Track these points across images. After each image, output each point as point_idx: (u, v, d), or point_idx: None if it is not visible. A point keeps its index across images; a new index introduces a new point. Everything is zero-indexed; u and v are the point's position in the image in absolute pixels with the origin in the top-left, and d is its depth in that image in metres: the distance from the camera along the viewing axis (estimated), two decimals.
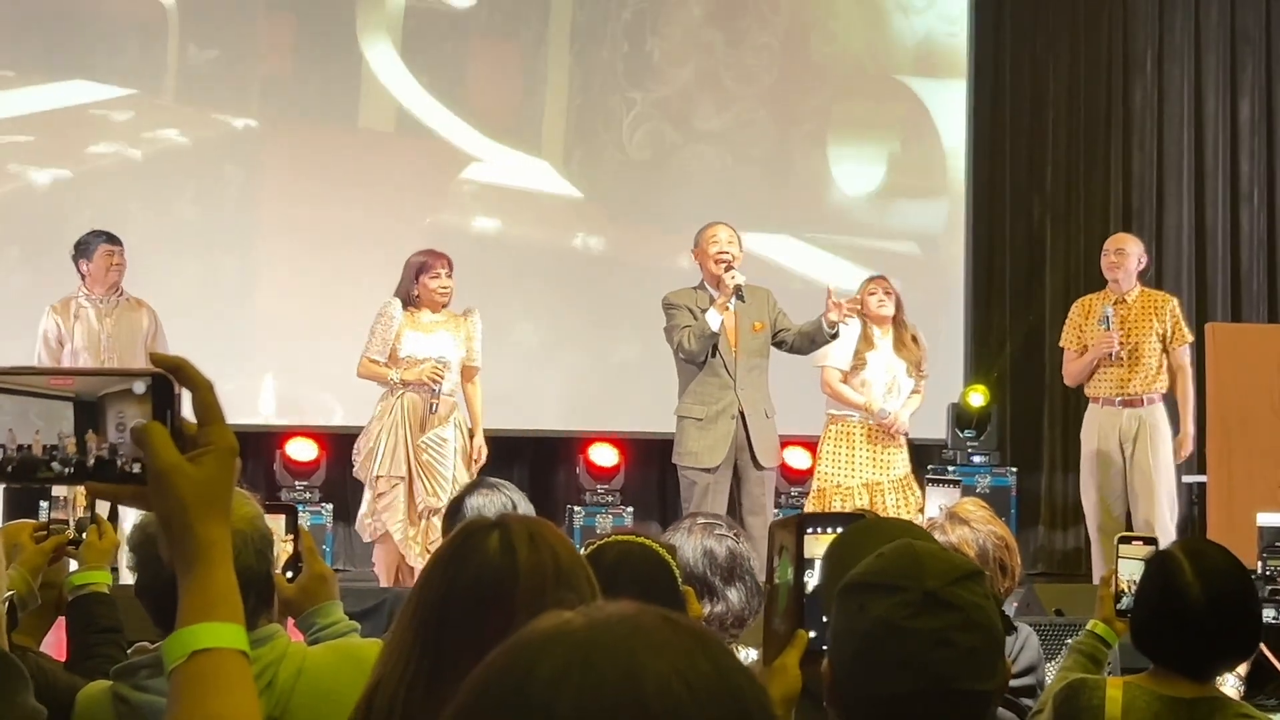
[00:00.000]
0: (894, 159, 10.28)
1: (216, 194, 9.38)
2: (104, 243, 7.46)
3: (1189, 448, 7.71)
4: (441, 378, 6.97)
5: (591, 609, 1.00)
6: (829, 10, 10.38)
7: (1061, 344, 7.96)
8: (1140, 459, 7.63)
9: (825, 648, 1.84)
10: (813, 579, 2.00)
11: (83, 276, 7.48)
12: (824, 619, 1.89)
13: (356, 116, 9.72)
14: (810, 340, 6.97)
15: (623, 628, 0.98)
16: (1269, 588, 5.48)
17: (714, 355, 6.92)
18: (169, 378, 1.36)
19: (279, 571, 2.84)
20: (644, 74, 10.16)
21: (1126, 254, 7.77)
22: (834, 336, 6.89)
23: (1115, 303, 7.70)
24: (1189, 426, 7.70)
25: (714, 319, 6.85)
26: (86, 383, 1.37)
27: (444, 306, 7.10)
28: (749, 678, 0.99)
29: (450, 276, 7.07)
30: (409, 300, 7.06)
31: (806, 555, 2.00)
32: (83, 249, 7.48)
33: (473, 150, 9.78)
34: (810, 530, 2.02)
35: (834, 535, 2.01)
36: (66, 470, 1.36)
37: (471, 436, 7.19)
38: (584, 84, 10.09)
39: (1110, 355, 7.63)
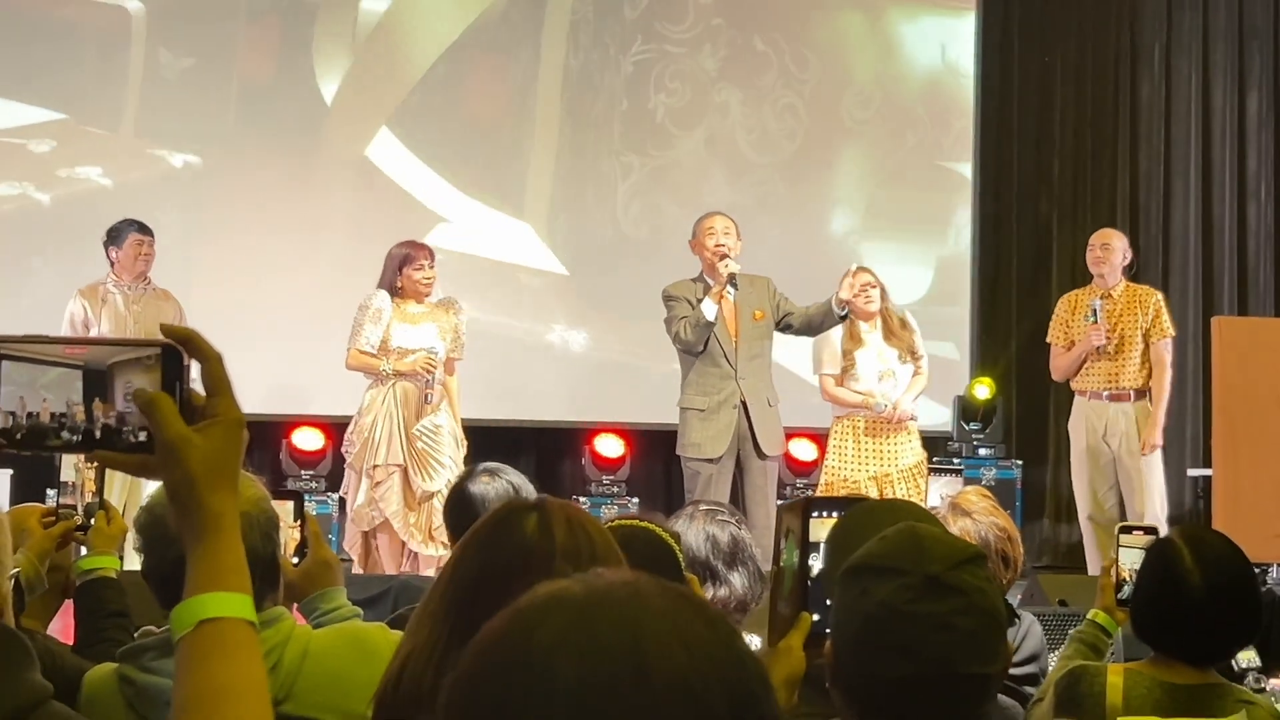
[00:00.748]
0: (905, 169, 10.20)
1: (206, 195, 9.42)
2: (135, 232, 7.58)
3: (1157, 439, 7.72)
4: (434, 368, 7.03)
5: (590, 576, 1.01)
6: (862, 65, 10.13)
7: (1049, 339, 8.00)
8: (1130, 453, 7.66)
9: (828, 630, 1.85)
10: (818, 562, 2.01)
11: (112, 263, 7.55)
12: (828, 602, 1.90)
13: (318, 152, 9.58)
14: (815, 324, 6.98)
15: (622, 592, 0.99)
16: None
17: (706, 347, 6.92)
18: (179, 349, 1.37)
19: (286, 557, 2.85)
20: (645, 136, 9.69)
21: (1112, 249, 7.82)
22: (843, 318, 6.92)
23: (1102, 297, 7.73)
24: (1159, 417, 7.71)
25: (709, 308, 6.87)
26: (96, 352, 1.38)
27: (427, 297, 7.16)
28: (746, 646, 1.00)
29: (433, 267, 7.14)
30: (393, 292, 7.12)
31: (812, 539, 2.01)
32: (114, 236, 7.58)
33: (446, 209, 9.56)
34: (816, 514, 2.03)
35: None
36: (74, 438, 1.36)
37: None
38: (574, 143, 9.65)
39: (1097, 348, 7.66)
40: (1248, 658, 3.22)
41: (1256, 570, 8.77)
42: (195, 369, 1.37)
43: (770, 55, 9.94)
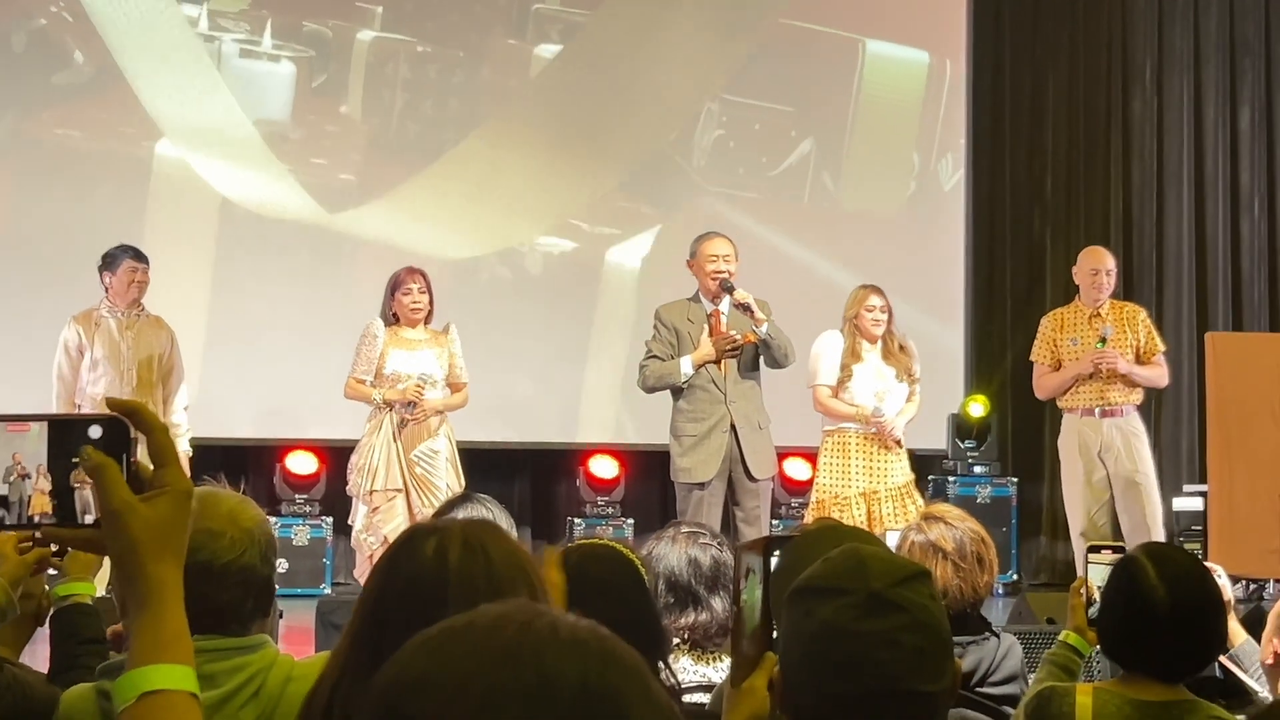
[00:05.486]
0: (895, 173, 10.23)
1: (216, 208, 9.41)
2: (129, 258, 7.52)
3: (1124, 367, 7.61)
4: (422, 397, 7.01)
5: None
6: (855, 85, 10.17)
7: (1033, 358, 7.92)
8: (1124, 470, 7.62)
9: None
10: None
11: (106, 289, 7.54)
12: None
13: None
14: (767, 360, 6.98)
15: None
16: None
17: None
18: (124, 421, 1.37)
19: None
20: (635, 167, 9.97)
21: (1113, 273, 7.81)
22: (765, 341, 6.88)
23: (1091, 316, 7.72)
24: (1136, 370, 7.65)
25: (686, 369, 6.89)
26: (40, 427, 1.39)
27: (419, 322, 7.14)
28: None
29: (424, 292, 7.11)
30: (389, 318, 7.12)
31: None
32: (109, 262, 7.54)
33: (437, 232, 9.54)
34: (778, 551, 2.02)
35: None
36: (16, 520, 1.38)
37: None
38: (562, 167, 9.82)
39: (1090, 374, 7.64)
40: None
41: (1255, 585, 8.74)
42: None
43: (762, 73, 9.98)
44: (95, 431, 1.37)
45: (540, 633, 0.98)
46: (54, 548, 3.21)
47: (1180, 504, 7.59)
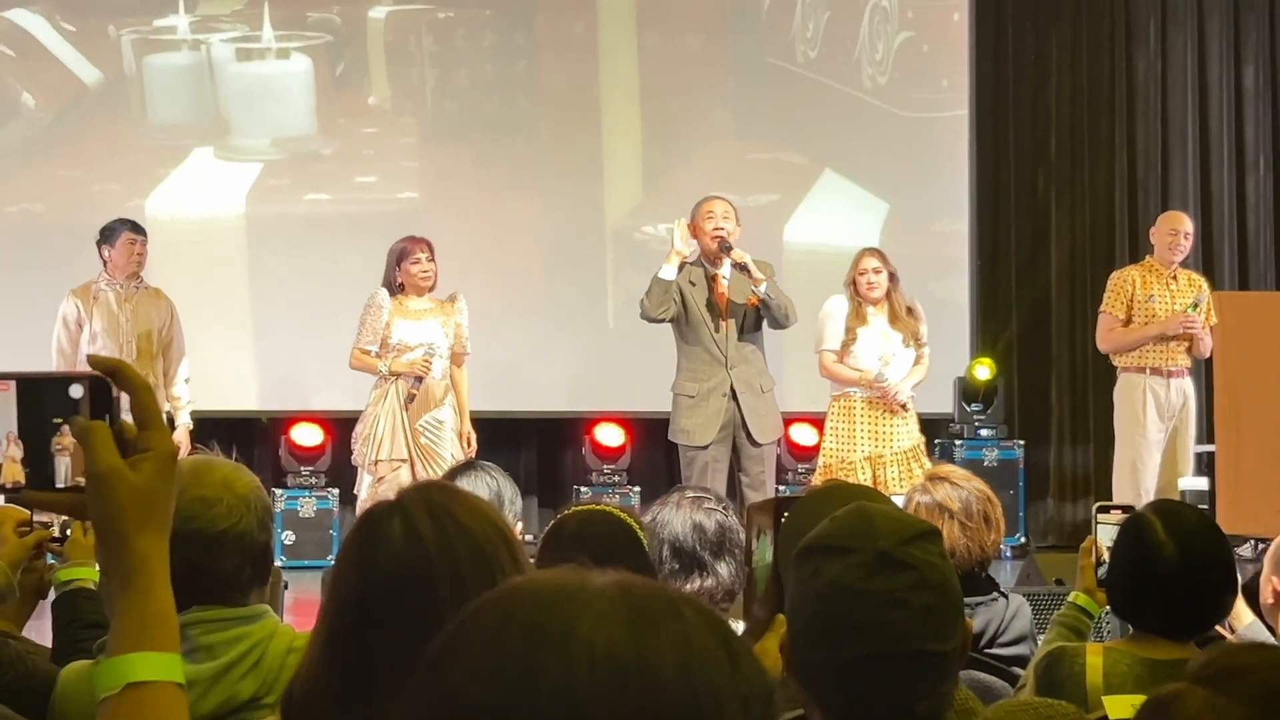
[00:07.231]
0: (897, 134, 10.16)
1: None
2: (128, 230, 7.52)
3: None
4: (429, 371, 6.99)
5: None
6: (857, 45, 10.05)
7: (1104, 309, 7.96)
8: (1183, 430, 7.88)
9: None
10: None
11: (104, 262, 7.52)
12: None
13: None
14: (765, 307, 6.92)
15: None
16: None
17: (688, 320, 6.88)
18: (107, 380, 1.32)
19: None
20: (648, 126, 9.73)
21: (1191, 236, 8.12)
22: (763, 302, 6.86)
23: (1169, 278, 7.87)
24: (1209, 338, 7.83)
25: (666, 271, 6.85)
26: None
27: (427, 291, 7.10)
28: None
29: (431, 260, 7.07)
30: (393, 288, 7.07)
31: None
32: (107, 235, 7.54)
33: (443, 199, 9.44)
34: (789, 512, 1.99)
35: None
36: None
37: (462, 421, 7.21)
38: (569, 132, 9.65)
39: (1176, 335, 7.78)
40: None
41: (1263, 545, 8.75)
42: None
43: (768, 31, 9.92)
44: (77, 391, 1.32)
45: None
46: (55, 532, 3.20)
47: (1185, 484, 7.66)
